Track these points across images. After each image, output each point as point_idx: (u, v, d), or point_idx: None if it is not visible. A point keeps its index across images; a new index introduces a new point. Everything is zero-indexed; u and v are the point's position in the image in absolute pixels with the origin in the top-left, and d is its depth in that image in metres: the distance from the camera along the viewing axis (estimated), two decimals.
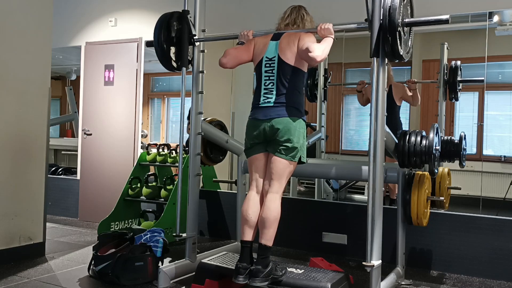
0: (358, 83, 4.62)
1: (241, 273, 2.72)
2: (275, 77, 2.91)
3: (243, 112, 3.73)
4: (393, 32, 2.60)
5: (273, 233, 2.81)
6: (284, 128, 2.82)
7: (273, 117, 2.84)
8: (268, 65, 2.94)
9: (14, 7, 3.68)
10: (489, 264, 3.54)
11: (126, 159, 5.38)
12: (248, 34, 3.14)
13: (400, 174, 3.27)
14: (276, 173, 2.86)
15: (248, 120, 2.99)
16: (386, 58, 2.72)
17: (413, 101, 4.35)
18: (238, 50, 3.08)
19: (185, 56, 3.37)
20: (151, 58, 5.60)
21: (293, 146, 2.83)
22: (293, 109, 2.86)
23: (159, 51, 3.35)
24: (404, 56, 2.72)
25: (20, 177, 3.71)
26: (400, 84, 4.39)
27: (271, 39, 2.99)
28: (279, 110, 2.85)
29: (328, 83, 4.86)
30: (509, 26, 3.98)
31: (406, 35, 2.77)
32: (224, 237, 4.68)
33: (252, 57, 3.06)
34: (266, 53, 2.96)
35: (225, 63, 3.05)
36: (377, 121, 2.72)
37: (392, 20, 2.59)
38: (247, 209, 2.88)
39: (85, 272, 3.41)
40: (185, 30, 3.35)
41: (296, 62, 2.89)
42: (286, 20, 3.07)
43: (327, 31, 2.87)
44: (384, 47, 2.66)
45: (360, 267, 2.72)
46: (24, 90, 3.74)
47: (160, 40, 3.31)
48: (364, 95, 4.58)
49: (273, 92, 2.90)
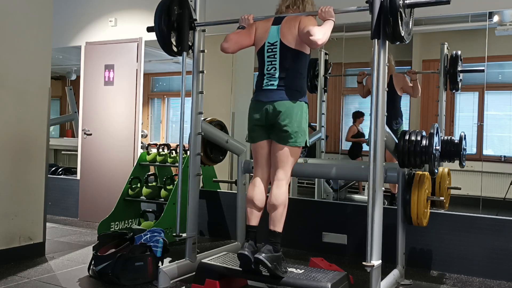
0: (359, 74, 4.61)
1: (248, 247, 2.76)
2: (277, 61, 2.94)
3: (243, 112, 3.72)
4: (394, 13, 2.60)
5: (281, 218, 2.84)
6: (286, 111, 2.85)
7: (276, 99, 2.88)
8: (270, 50, 2.96)
9: (14, 7, 3.68)
10: (489, 264, 3.54)
11: (126, 159, 5.38)
12: (249, 18, 3.16)
13: (400, 174, 3.27)
14: (280, 161, 2.90)
15: (251, 102, 3.03)
16: (387, 39, 2.71)
17: (414, 92, 4.33)
18: (239, 34, 3.09)
19: (186, 40, 3.35)
20: (151, 58, 5.62)
21: (295, 131, 2.86)
22: (295, 92, 2.90)
23: (159, 35, 3.33)
24: (405, 37, 2.71)
25: (20, 177, 3.71)
26: (401, 75, 4.37)
27: (272, 23, 3.01)
28: (281, 93, 2.89)
29: (328, 74, 4.85)
30: (509, 26, 3.98)
31: (407, 16, 2.75)
32: (224, 237, 4.68)
33: (254, 42, 3.07)
34: (268, 38, 2.98)
35: (226, 47, 3.06)
36: (377, 121, 2.72)
37: (393, 1, 2.59)
38: (252, 194, 2.94)
39: (85, 272, 3.41)
40: (186, 14, 3.33)
41: (298, 45, 2.90)
42: (287, 2, 3.09)
43: (328, 14, 2.87)
44: (385, 28, 2.65)
45: (360, 267, 2.72)
46: (24, 90, 3.74)
47: (161, 25, 3.29)
48: (364, 86, 4.57)
49: (275, 76, 2.93)
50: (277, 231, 2.82)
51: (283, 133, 2.87)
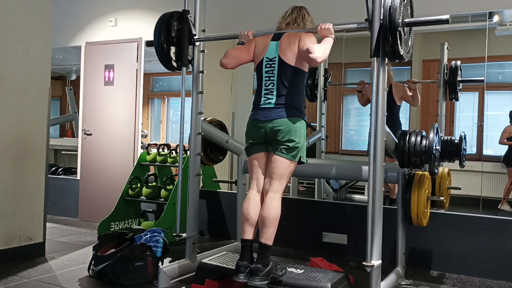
0: (358, 83, 4.62)
1: (242, 272, 2.73)
2: (275, 77, 2.91)
3: (243, 112, 3.73)
4: (394, 32, 2.61)
5: (273, 232, 2.81)
6: (285, 129, 2.82)
7: (274, 118, 2.85)
8: (269, 66, 2.94)
9: (14, 7, 3.68)
10: (489, 264, 3.54)
11: (126, 159, 5.38)
12: (248, 34, 3.14)
13: (400, 174, 3.28)
14: (277, 173, 2.87)
15: (249, 120, 3.00)
16: (386, 58, 2.72)
17: (413, 101, 4.35)
18: (239, 50, 3.08)
19: (185, 56, 3.37)
20: (151, 58, 5.60)
21: (294, 146, 2.84)
22: (293, 109, 2.87)
23: (159, 51, 3.35)
24: (404, 56, 2.72)
25: (20, 177, 3.71)
26: (400, 84, 4.39)
27: (271, 39, 2.99)
28: (279, 111, 2.86)
29: (328, 83, 4.85)
30: (509, 26, 3.98)
31: (406, 35, 2.77)
32: (224, 237, 4.68)
33: (253, 58, 3.06)
34: (267, 54, 2.97)
35: (225, 63, 3.05)
36: (377, 121, 2.72)
37: (392, 20, 2.59)
38: (248, 208, 2.89)
39: (85, 272, 3.41)
40: (185, 30, 3.35)
41: (297, 63, 2.89)
42: (287, 19, 3.08)
43: (327, 31, 2.87)
44: (384, 47, 2.66)
45: (360, 267, 2.72)
46: (24, 90, 3.74)
47: (160, 40, 3.31)
48: (364, 95, 4.58)
49: (273, 92, 2.91)
50: (268, 245, 2.78)
51: (282, 146, 2.84)
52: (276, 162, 2.86)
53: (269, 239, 2.80)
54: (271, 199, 2.84)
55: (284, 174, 2.88)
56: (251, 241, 2.85)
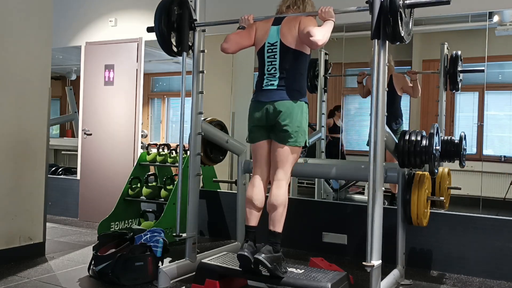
0: (359, 74, 4.60)
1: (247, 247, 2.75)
2: (277, 62, 2.94)
3: (243, 112, 3.72)
4: (394, 13, 2.60)
5: (281, 219, 2.84)
6: (286, 111, 2.86)
7: (276, 99, 2.89)
8: (270, 51, 2.97)
9: (14, 7, 3.68)
10: (489, 264, 3.54)
11: (126, 159, 5.38)
12: (249, 18, 3.16)
13: (400, 174, 3.27)
14: (280, 161, 2.91)
15: (251, 102, 3.03)
16: (387, 39, 2.71)
17: (414, 92, 4.32)
18: (239, 35, 3.10)
19: (186, 41, 3.36)
20: (151, 58, 5.62)
21: (295, 131, 2.87)
22: (295, 92, 2.91)
23: (159, 36, 3.33)
24: (405, 37, 2.71)
25: (20, 177, 3.71)
26: (401, 75, 4.37)
27: (272, 24, 3.01)
28: (281, 93, 2.90)
29: (328, 74, 4.85)
30: (509, 26, 3.98)
31: (407, 16, 2.75)
32: (224, 237, 4.68)
33: (254, 42, 3.08)
34: (268, 39, 2.99)
35: (226, 48, 3.07)
36: (377, 121, 2.72)
37: (393, 1, 2.59)
38: (252, 194, 2.94)
39: (85, 272, 3.41)
40: (186, 14, 3.34)
41: (298, 46, 2.91)
42: (287, 2, 3.09)
43: (328, 14, 2.87)
44: (385, 28, 2.65)
45: (360, 267, 2.72)
46: (24, 90, 3.74)
47: (161, 25, 3.29)
48: (364, 87, 4.57)
49: (276, 76, 2.94)
50: (277, 232, 2.82)
51: (283, 132, 2.87)
52: (279, 151, 2.91)
53: (278, 227, 2.83)
54: (277, 186, 2.89)
55: (286, 161, 2.92)
56: (255, 228, 2.88)
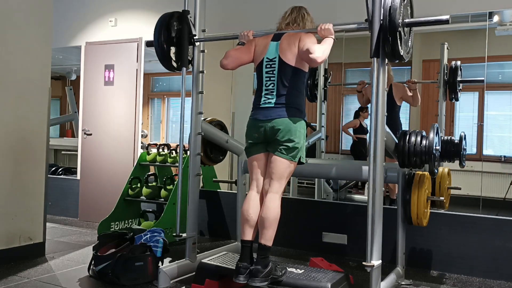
0: (358, 83, 4.62)
1: (242, 273, 2.73)
2: (275, 78, 2.91)
3: (243, 112, 3.72)
4: (394, 32, 2.60)
5: (272, 233, 2.81)
6: (285, 129, 2.82)
7: (274, 117, 2.85)
8: (269, 66, 2.94)
9: (14, 7, 3.68)
10: (489, 264, 3.54)
11: (126, 159, 5.37)
12: (249, 34, 3.14)
13: (400, 174, 3.28)
14: (277, 173, 2.86)
15: (249, 120, 3.00)
16: (386, 58, 2.72)
17: (413, 101, 4.35)
18: (239, 51, 3.08)
19: (185, 56, 3.37)
20: (151, 58, 5.60)
21: (294, 146, 2.83)
22: (293, 109, 2.87)
23: (159, 51, 3.35)
24: (404, 56, 2.72)
25: (20, 177, 3.71)
26: (400, 84, 4.39)
27: (271, 39, 2.99)
28: (279, 110, 2.86)
29: (328, 83, 4.85)
30: (509, 26, 3.98)
31: (406, 35, 2.77)
32: (224, 237, 4.68)
33: (253, 58, 3.06)
34: (267, 54, 2.97)
35: (226, 64, 3.05)
36: (377, 121, 2.72)
37: (392, 20, 2.59)
38: (248, 209, 2.89)
39: (85, 272, 3.41)
40: (185, 30, 3.35)
41: (297, 63, 2.89)
42: (287, 19, 3.08)
43: (327, 31, 2.87)
44: (384, 47, 2.66)
45: (360, 267, 2.72)
46: (24, 90, 3.74)
47: (160, 40, 3.31)
48: (364, 96, 4.58)
49: (273, 93, 2.91)
50: (268, 245, 2.78)
51: (281, 146, 2.83)
52: (276, 163, 2.86)
53: (269, 240, 2.79)
54: (270, 199, 2.84)
55: (283, 174, 2.87)
56: (251, 242, 2.85)
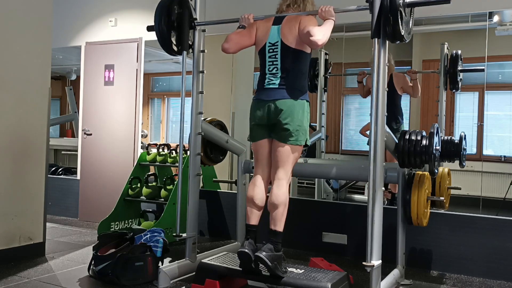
0: (359, 74, 4.60)
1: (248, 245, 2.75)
2: (278, 61, 2.95)
3: (243, 112, 3.72)
4: (395, 12, 2.60)
5: (282, 218, 2.84)
6: (287, 110, 2.86)
7: (277, 98, 2.89)
8: (272, 50, 2.97)
9: (14, 7, 3.68)
10: (489, 264, 3.54)
11: (126, 159, 5.37)
12: (249, 17, 3.16)
13: (400, 174, 3.27)
14: (281, 160, 2.91)
15: (252, 101, 3.04)
16: (387, 38, 2.71)
17: (414, 92, 4.32)
18: (240, 34, 3.10)
19: (186, 40, 3.36)
20: (151, 58, 5.62)
21: (296, 129, 2.87)
22: (297, 91, 2.91)
23: (159, 35, 3.33)
24: (405, 36, 2.71)
25: (20, 177, 3.71)
26: (401, 74, 4.37)
27: (272, 23, 3.01)
28: (283, 92, 2.90)
29: (329, 73, 4.85)
30: (509, 26, 3.98)
31: (407, 15, 2.75)
32: (224, 237, 4.68)
33: (255, 42, 3.08)
34: (269, 39, 2.99)
35: (227, 48, 3.07)
36: (377, 121, 2.72)
37: (393, 0, 2.59)
38: (253, 193, 2.94)
39: (85, 272, 3.41)
40: (186, 14, 3.34)
41: (299, 45, 2.91)
42: (287, 1, 3.10)
43: (328, 13, 2.88)
44: (385, 27, 2.65)
45: (360, 267, 2.72)
46: (24, 90, 3.74)
47: (161, 24, 3.29)
48: (365, 86, 4.56)
49: (277, 75, 2.95)
50: (278, 231, 2.82)
51: (284, 131, 2.87)
52: (280, 150, 2.90)
53: (279, 226, 2.83)
54: (277, 186, 2.88)
55: (287, 160, 2.91)
56: (256, 227, 2.89)
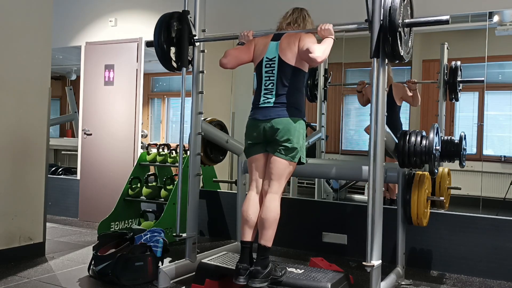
0: (358, 84, 4.62)
1: (241, 274, 2.73)
2: (275, 77, 2.91)
3: (243, 112, 3.71)
4: (394, 32, 2.61)
5: (272, 233, 2.81)
6: (284, 129, 2.82)
7: (273, 117, 2.85)
8: (269, 66, 2.94)
9: (14, 7, 3.68)
10: (489, 264, 3.54)
11: (126, 159, 5.38)
12: (248, 34, 3.15)
13: (400, 174, 3.28)
14: (276, 174, 2.86)
15: (248, 120, 3.00)
16: (386, 58, 2.72)
17: (413, 101, 4.35)
18: (239, 50, 3.09)
19: (185, 56, 3.37)
20: (151, 58, 5.60)
21: (293, 147, 2.83)
22: (293, 109, 2.86)
23: (159, 51, 3.35)
24: (404, 56, 2.72)
25: (20, 177, 3.71)
26: (400, 85, 4.39)
27: (271, 39, 3.00)
28: (279, 110, 2.86)
29: (328, 83, 4.85)
30: (509, 26, 3.98)
31: (406, 35, 2.77)
32: (224, 237, 4.68)
33: (253, 58, 3.06)
34: (267, 54, 2.97)
35: (225, 63, 3.05)
36: (377, 121, 2.72)
37: (392, 20, 2.59)
38: (247, 210, 2.89)
39: (85, 272, 3.41)
40: (185, 30, 3.35)
41: (297, 63, 2.89)
42: (288, 19, 3.08)
43: (327, 31, 2.87)
44: (384, 47, 2.66)
45: (360, 267, 2.72)
46: (24, 90, 3.74)
47: (160, 41, 3.32)
48: (364, 96, 4.58)
49: (273, 92, 2.91)
50: (267, 246, 2.78)
51: (281, 147, 2.83)
52: (275, 163, 2.86)
53: (269, 241, 2.79)
54: (270, 200, 2.84)
55: (282, 175, 2.87)
56: (251, 243, 2.85)
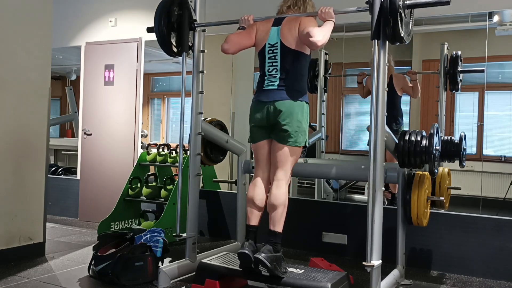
0: (359, 75, 4.61)
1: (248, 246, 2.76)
2: (278, 62, 2.95)
3: (243, 112, 3.71)
4: (394, 14, 2.60)
5: (280, 218, 2.85)
6: (286, 111, 2.86)
7: (277, 99, 2.89)
8: (271, 52, 2.97)
9: (14, 7, 3.68)
10: (489, 264, 3.54)
11: (126, 159, 5.38)
12: (249, 18, 3.17)
13: (400, 174, 3.27)
14: (280, 161, 2.91)
15: (252, 102, 3.05)
16: (387, 40, 2.71)
17: (413, 92, 4.33)
18: (240, 35, 3.10)
19: (186, 41, 3.36)
20: (151, 58, 5.62)
21: (295, 130, 2.87)
22: (296, 92, 2.91)
23: (159, 36, 3.34)
24: (405, 38, 2.71)
25: (20, 177, 3.71)
26: (401, 75, 4.37)
27: (272, 24, 3.02)
28: (282, 93, 2.90)
29: (328, 74, 4.85)
30: (509, 26, 3.98)
31: (407, 17, 2.75)
32: (224, 237, 4.68)
33: (254, 43, 3.09)
34: (269, 40, 2.99)
35: (227, 49, 3.07)
36: (377, 121, 2.72)
37: (393, 2, 2.59)
38: (253, 194, 2.95)
39: (85, 272, 3.41)
40: (186, 15, 3.34)
41: (298, 46, 2.91)
42: (288, 2, 3.11)
43: (328, 14, 2.88)
44: (385, 29, 2.65)
45: (360, 267, 2.72)
46: (24, 90, 3.74)
47: (161, 26, 3.30)
48: (365, 87, 4.57)
49: (276, 76, 2.95)
50: (277, 231, 2.82)
51: (283, 132, 2.88)
52: (279, 151, 2.91)
53: (278, 226, 2.83)
54: (277, 186, 2.89)
55: (286, 161, 2.92)
56: (256, 227, 2.89)
